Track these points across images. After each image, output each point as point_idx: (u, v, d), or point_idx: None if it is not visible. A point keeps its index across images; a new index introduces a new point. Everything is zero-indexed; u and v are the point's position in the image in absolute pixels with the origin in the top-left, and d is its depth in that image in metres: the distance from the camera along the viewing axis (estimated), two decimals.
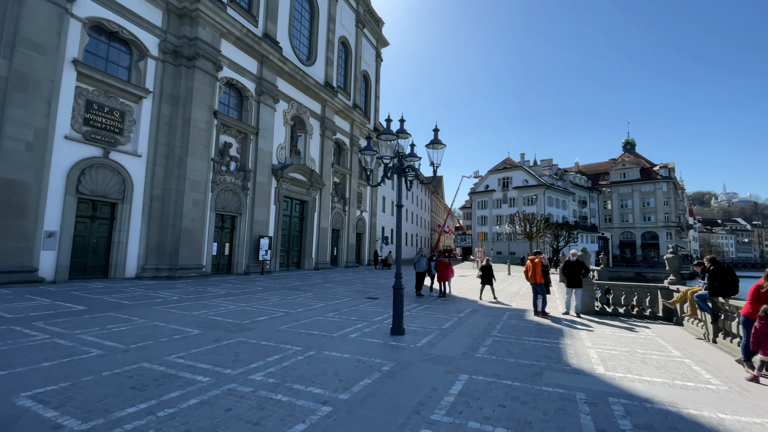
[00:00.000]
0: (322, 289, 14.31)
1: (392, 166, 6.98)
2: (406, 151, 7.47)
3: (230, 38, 18.53)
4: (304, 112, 24.06)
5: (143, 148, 15.47)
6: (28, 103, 11.61)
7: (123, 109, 14.84)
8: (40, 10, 11.87)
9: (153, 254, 15.50)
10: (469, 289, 15.96)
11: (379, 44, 37.16)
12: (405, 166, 7.09)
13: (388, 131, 6.63)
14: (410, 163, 7.37)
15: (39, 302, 8.85)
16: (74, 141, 13.18)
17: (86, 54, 13.78)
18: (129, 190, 14.90)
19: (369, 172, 7.28)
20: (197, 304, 9.76)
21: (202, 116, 16.87)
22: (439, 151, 7.02)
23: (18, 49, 11.38)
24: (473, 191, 68.78)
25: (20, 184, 11.48)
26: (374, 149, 7.11)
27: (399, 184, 7.09)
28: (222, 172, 18.31)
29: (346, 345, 6.08)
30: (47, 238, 12.33)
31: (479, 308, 10.71)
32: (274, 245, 21.07)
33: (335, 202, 27.74)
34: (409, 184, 7.77)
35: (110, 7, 14.28)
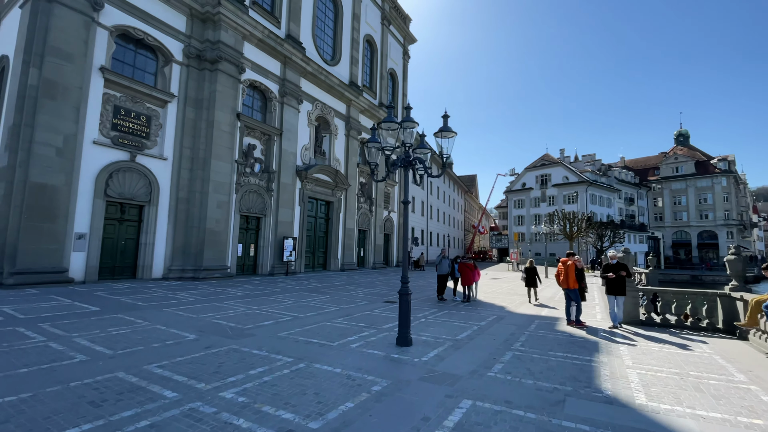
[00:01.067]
0: (342, 291, 13.85)
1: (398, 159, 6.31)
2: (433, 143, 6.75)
3: (252, 40, 18.62)
4: (328, 112, 23.87)
5: (169, 152, 15.79)
6: (57, 110, 12.07)
7: (149, 113, 15.21)
8: (68, 19, 12.32)
9: (179, 255, 15.78)
10: (499, 294, 14.89)
11: (406, 41, 36.46)
12: (412, 158, 6.40)
13: (389, 119, 5.98)
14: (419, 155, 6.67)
15: (58, 303, 9.01)
16: (102, 146, 13.61)
17: (113, 61, 14.22)
18: (155, 193, 15.24)
19: (374, 167, 6.66)
20: (209, 306, 9.59)
21: (226, 119, 17.01)
22: (450, 140, 6.26)
23: (47, 58, 11.85)
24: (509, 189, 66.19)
25: (51, 188, 11.94)
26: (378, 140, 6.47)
27: (405, 178, 6.41)
28: (246, 173, 18.42)
29: (342, 357, 5.49)
30: (77, 239, 12.78)
31: (505, 315, 9.75)
32: (298, 246, 20.98)
33: (361, 203, 27.36)
34: (418, 178, 7.07)
35: (136, 15, 14.67)
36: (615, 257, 8.61)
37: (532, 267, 12.78)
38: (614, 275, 8.18)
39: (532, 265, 12.93)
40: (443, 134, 6.17)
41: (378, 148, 6.25)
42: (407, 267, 6.35)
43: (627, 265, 8.54)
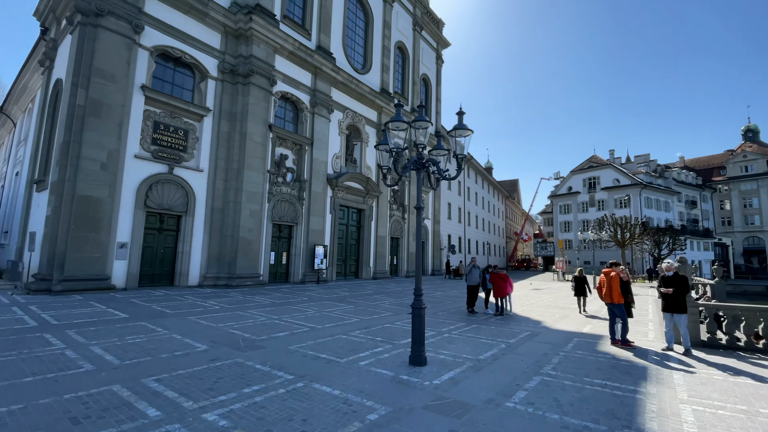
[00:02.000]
0: (368, 301, 13.48)
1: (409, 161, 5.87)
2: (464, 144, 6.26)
3: (283, 53, 19.06)
4: (359, 120, 23.89)
5: (204, 164, 16.41)
6: (102, 127, 12.91)
7: (186, 128, 15.92)
8: (112, 43, 13.21)
9: (214, 263, 16.25)
10: (538, 307, 13.78)
11: (439, 46, 35.98)
12: (425, 159, 5.92)
13: (398, 118, 5.56)
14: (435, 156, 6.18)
15: (94, 309, 9.42)
16: (143, 159, 14.37)
17: (154, 79, 15.06)
18: (192, 203, 15.85)
19: (386, 171, 6.26)
20: (231, 314, 9.60)
21: (258, 130, 17.44)
22: (466, 139, 5.73)
23: (93, 79, 12.74)
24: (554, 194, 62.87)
25: (96, 200, 12.73)
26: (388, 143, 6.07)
27: (418, 182, 5.95)
28: (278, 183, 18.75)
29: (346, 376, 5.07)
30: (119, 248, 13.51)
31: (540, 332, 8.86)
32: (330, 254, 20.97)
33: (393, 210, 27.00)
34: (434, 182, 6.57)
35: (174, 35, 15.49)
36: (671, 268, 7.43)
37: (582, 276, 12.60)
38: (671, 290, 7.06)
39: (582, 274, 12.74)
40: (458, 132, 5.65)
41: (386, 150, 5.85)
42: (420, 277, 5.83)
43: (687, 278, 7.35)
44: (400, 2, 29.43)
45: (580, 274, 12.71)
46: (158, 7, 14.95)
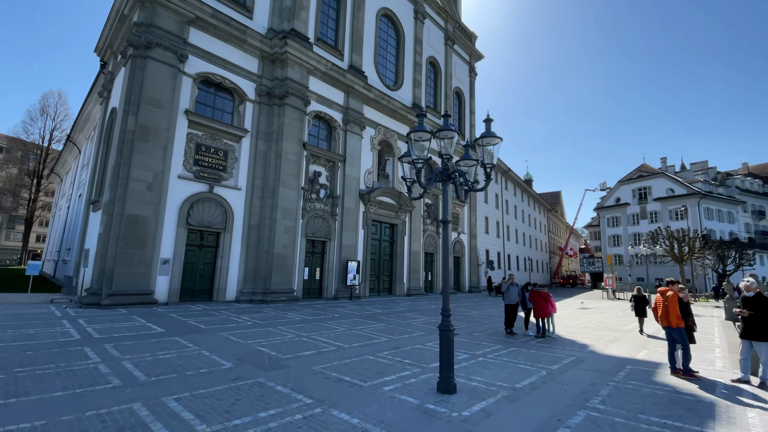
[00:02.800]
0: (400, 318, 13.08)
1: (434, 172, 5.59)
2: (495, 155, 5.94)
3: (317, 74, 19.63)
4: (391, 135, 23.96)
5: (242, 182, 17.02)
6: (149, 150, 13.78)
7: (226, 148, 16.66)
8: (159, 72, 14.20)
9: (250, 279, 16.61)
10: (585, 328, 12.70)
11: (472, 59, 35.70)
12: (451, 170, 5.62)
13: (420, 128, 5.33)
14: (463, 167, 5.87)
15: (134, 324, 9.81)
16: (186, 179, 15.14)
17: (196, 104, 15.97)
18: (230, 221, 16.41)
19: (410, 183, 6.01)
20: (262, 331, 9.61)
21: (292, 149, 17.92)
22: (495, 147, 5.37)
23: (142, 106, 13.70)
24: (600, 206, 59.43)
25: (142, 218, 13.49)
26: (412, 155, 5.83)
27: (445, 194, 5.63)
28: (312, 199, 19.05)
29: (368, 402, 4.76)
30: (162, 264, 14.16)
31: (587, 357, 8.04)
32: (362, 270, 20.83)
33: (427, 225, 26.53)
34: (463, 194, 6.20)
35: (215, 62, 16.43)
36: (751, 288, 6.40)
37: (642, 295, 12.10)
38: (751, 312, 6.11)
39: (641, 293, 12.24)
40: (485, 140, 5.31)
41: (409, 162, 5.61)
42: (448, 296, 5.44)
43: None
44: (431, 18, 29.64)
45: (640, 293, 12.21)
46: (201, 37, 15.97)
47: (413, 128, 5.33)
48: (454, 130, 5.61)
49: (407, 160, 5.85)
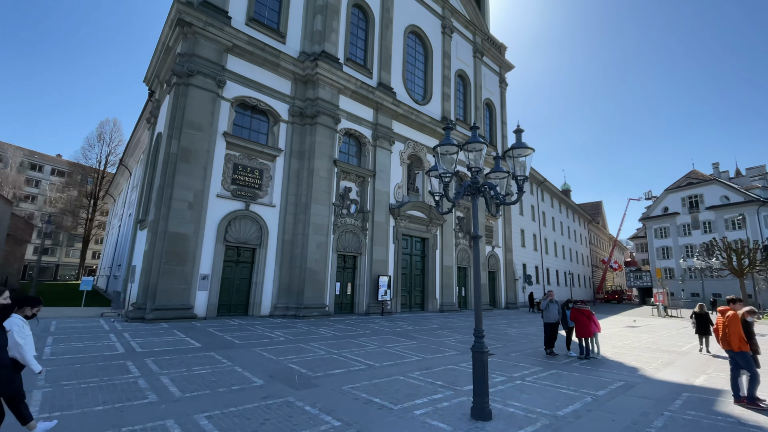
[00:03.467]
0: (432, 336, 12.71)
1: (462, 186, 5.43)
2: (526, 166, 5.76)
3: (347, 93, 20.10)
4: (420, 149, 23.94)
5: (277, 199, 17.52)
6: (190, 171, 14.55)
7: (261, 167, 17.28)
8: (200, 97, 15.09)
9: (284, 294, 16.89)
10: (634, 349, 11.76)
11: (502, 70, 35.29)
12: (481, 183, 5.44)
13: (447, 141, 5.22)
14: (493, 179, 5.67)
15: (174, 338, 10.17)
16: (224, 198, 15.80)
17: (234, 126, 16.76)
18: (265, 237, 16.87)
19: (438, 198, 5.88)
20: (294, 347, 9.65)
21: (324, 166, 18.30)
22: (526, 159, 5.15)
23: (184, 130, 14.56)
24: (646, 216, 55.98)
25: (183, 236, 14.16)
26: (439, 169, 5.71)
27: (474, 208, 5.45)
28: (342, 215, 19.26)
29: (398, 427, 4.57)
30: (201, 280, 14.72)
31: (638, 382, 7.37)
32: (394, 285, 20.63)
33: (459, 238, 25.99)
34: (494, 207, 5.99)
35: (251, 86, 17.24)
36: None
37: (704, 312, 11.72)
38: None
39: (703, 310, 11.84)
40: (516, 152, 5.10)
41: (436, 176, 5.49)
42: (480, 316, 5.19)
43: None
44: (458, 32, 29.72)
45: (702, 310, 11.81)
46: (238, 63, 16.86)
47: (439, 142, 5.23)
48: (483, 142, 5.45)
49: (434, 174, 5.74)
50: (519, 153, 5.17)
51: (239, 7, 17.22)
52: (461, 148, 5.28)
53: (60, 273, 64.02)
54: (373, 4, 22.83)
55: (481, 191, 5.43)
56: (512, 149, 5.11)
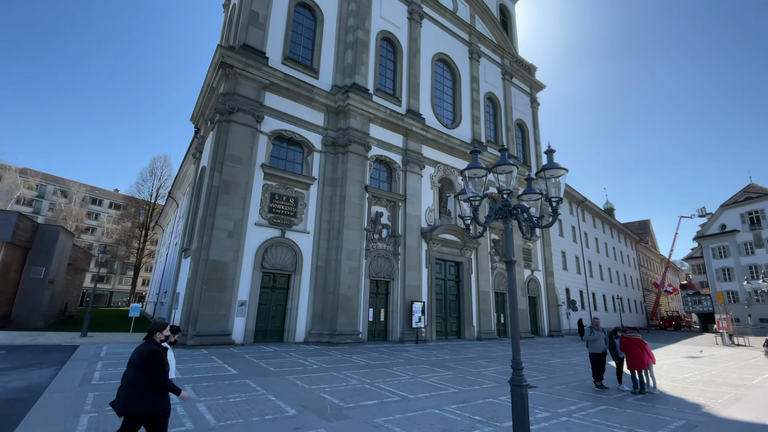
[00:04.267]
0: (470, 367, 12.17)
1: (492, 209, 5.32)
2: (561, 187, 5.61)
3: (377, 121, 20.65)
4: (451, 172, 23.87)
5: (311, 226, 17.96)
6: (230, 202, 15.32)
7: (296, 196, 17.89)
8: (239, 132, 16.06)
9: (318, 320, 16.96)
10: (696, 383, 10.62)
11: (533, 90, 34.98)
12: (512, 206, 5.31)
13: (475, 165, 5.17)
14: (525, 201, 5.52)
15: (212, 364, 10.42)
16: (261, 226, 16.41)
17: (271, 158, 17.59)
18: (299, 263, 17.22)
19: (468, 222, 5.78)
20: (326, 375, 9.58)
21: (355, 192, 18.66)
22: (559, 180, 4.99)
23: (226, 163, 15.47)
24: (702, 235, 51.89)
25: (223, 263, 14.76)
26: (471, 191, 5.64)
27: (507, 232, 5.30)
28: (374, 239, 19.35)
29: None
30: (239, 306, 15.15)
31: (702, 421, 6.60)
32: (428, 311, 20.16)
33: (495, 262, 25.17)
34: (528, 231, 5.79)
35: (287, 120, 18.15)
36: None
37: None
38: None
39: None
40: (548, 173, 4.96)
41: (466, 200, 5.42)
42: (518, 346, 4.92)
43: None
44: (486, 57, 30.00)
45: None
46: (274, 99, 17.89)
47: (467, 165, 5.20)
48: (513, 164, 5.35)
49: (463, 198, 5.67)
50: (551, 174, 5.01)
51: (276, 47, 18.46)
52: (490, 170, 5.21)
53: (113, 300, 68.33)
54: (401, 37, 23.69)
55: (513, 214, 5.29)
56: (544, 170, 4.97)
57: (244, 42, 17.08)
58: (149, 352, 3.71)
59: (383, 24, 22.89)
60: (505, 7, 37.19)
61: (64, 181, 69.86)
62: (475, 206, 5.28)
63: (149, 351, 3.72)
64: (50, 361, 10.04)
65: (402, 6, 24.30)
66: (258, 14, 17.81)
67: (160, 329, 4.04)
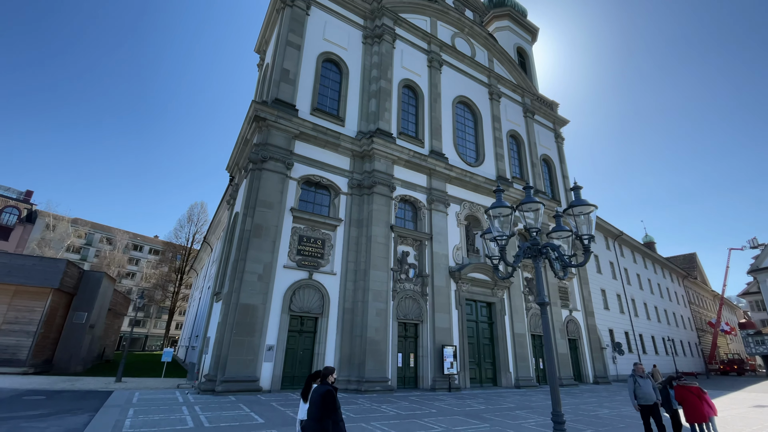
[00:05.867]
0: (508, 418, 11.29)
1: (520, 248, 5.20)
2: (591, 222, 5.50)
3: (400, 163, 21.15)
4: (477, 210, 23.66)
5: (337, 267, 18.04)
6: (261, 245, 15.76)
7: (323, 237, 18.19)
8: (271, 179, 16.85)
9: (345, 365, 16.51)
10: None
11: (556, 125, 35.02)
12: (542, 245, 5.17)
13: (499, 203, 5.13)
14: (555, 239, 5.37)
15: (239, 412, 10.24)
16: (289, 269, 16.64)
17: (299, 202, 18.20)
18: (326, 305, 17.12)
19: (497, 262, 5.65)
20: (354, 427, 9.15)
21: (381, 232, 18.78)
22: (588, 217, 4.84)
23: (257, 209, 16.12)
24: (756, 268, 47.83)
25: (252, 307, 14.92)
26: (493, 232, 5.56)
27: (537, 272, 5.12)
28: (401, 280, 19.09)
29: None
30: (267, 351, 15.05)
31: None
32: (460, 356, 19.19)
33: (530, 302, 24.00)
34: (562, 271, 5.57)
35: (315, 165, 18.93)
36: None
37: None
38: None
39: None
40: (576, 210, 4.84)
41: (492, 240, 5.33)
42: (558, 396, 4.56)
43: None
44: (506, 96, 30.64)
45: None
46: (303, 146, 18.82)
47: (491, 204, 5.17)
48: (539, 202, 5.29)
49: (489, 237, 5.58)
50: (580, 210, 4.89)
51: (305, 99, 19.72)
52: (515, 209, 5.15)
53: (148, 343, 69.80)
54: (421, 83, 24.76)
55: (543, 253, 5.13)
56: (572, 207, 4.86)
57: (276, 96, 18.39)
58: (325, 391, 4.74)
59: (404, 73, 24.10)
60: (523, 49, 38.44)
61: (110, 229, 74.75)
62: (502, 245, 5.18)
63: (325, 390, 4.76)
64: (85, 407, 10.22)
65: (422, 55, 25.63)
66: (288, 71, 19.27)
67: (330, 373, 5.19)
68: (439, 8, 27.91)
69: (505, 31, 38.04)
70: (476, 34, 29.96)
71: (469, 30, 29.50)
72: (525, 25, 39.86)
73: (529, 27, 40.16)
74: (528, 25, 40.06)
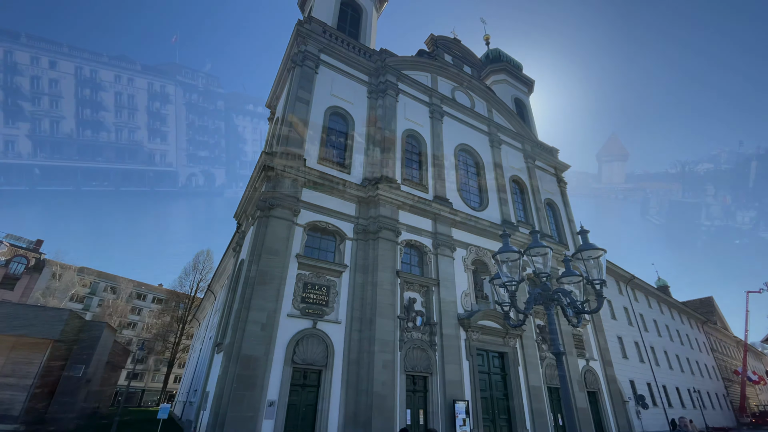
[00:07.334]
0: None
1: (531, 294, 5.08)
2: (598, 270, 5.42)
3: (405, 208, 21.39)
4: (484, 254, 23.45)
5: (342, 315, 17.57)
6: (265, 293, 15.54)
7: (328, 284, 17.94)
8: (278, 226, 17.02)
9: (350, 423, 15.50)
10: None
11: (558, 170, 35.65)
12: (553, 291, 5.05)
13: (506, 248, 5.10)
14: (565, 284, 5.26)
15: None
16: (293, 317, 16.24)
17: (305, 248, 18.21)
18: (331, 357, 16.44)
19: (507, 309, 5.50)
20: None
21: (387, 278, 18.52)
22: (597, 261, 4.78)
23: (263, 255, 16.12)
24: None
25: (254, 359, 14.38)
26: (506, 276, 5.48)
27: (550, 319, 4.96)
28: (408, 328, 18.48)
29: None
30: (268, 407, 14.25)
31: None
32: (473, 411, 18.01)
33: (544, 351, 22.92)
34: (575, 317, 5.40)
35: (321, 212, 19.18)
36: None
37: None
38: None
39: None
40: (585, 254, 4.79)
41: (501, 285, 5.23)
42: None
43: None
44: (507, 144, 31.59)
45: None
46: (310, 194, 19.20)
47: (499, 249, 5.14)
48: (547, 246, 5.26)
49: (498, 283, 5.49)
50: (589, 255, 4.84)
51: (313, 149, 20.47)
52: (523, 253, 5.11)
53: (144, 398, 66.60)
54: (424, 133, 25.75)
55: (555, 299, 5.01)
56: (580, 251, 4.82)
57: (285, 147, 19.13)
58: None
59: (408, 124, 25.16)
60: (520, 100, 40.27)
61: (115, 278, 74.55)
62: (512, 291, 5.08)
63: None
64: None
65: (424, 108, 26.92)
66: (297, 124, 20.22)
67: None
68: (439, 65, 29.78)
69: (503, 84, 40.10)
70: (475, 87, 31.62)
71: (468, 84, 31.19)
72: (521, 78, 42.09)
73: (525, 80, 42.38)
74: (524, 78, 42.31)
